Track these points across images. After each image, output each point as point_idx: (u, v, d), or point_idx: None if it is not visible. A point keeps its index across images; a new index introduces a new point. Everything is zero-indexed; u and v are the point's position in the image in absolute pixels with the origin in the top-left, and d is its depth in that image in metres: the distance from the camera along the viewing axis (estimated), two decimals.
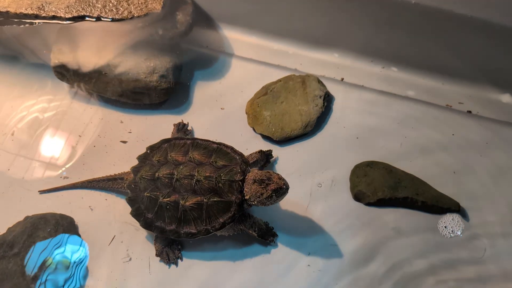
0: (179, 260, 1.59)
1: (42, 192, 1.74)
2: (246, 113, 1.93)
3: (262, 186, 1.44)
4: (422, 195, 1.67)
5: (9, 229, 1.62)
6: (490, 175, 1.78)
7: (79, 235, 1.64)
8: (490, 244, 1.62)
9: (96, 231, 1.66)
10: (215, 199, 1.46)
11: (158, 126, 1.91)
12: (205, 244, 1.61)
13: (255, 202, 1.47)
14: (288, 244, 1.63)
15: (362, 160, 1.79)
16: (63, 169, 1.81)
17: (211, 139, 1.84)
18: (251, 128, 1.90)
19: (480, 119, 1.93)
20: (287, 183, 1.45)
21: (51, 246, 1.57)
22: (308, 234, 1.65)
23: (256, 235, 1.56)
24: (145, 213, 1.53)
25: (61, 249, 1.58)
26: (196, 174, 1.48)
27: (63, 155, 1.85)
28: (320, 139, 1.89)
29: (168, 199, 1.48)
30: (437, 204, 1.66)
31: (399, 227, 1.66)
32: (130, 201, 1.57)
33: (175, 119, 1.93)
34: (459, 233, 1.62)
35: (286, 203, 1.68)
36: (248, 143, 1.86)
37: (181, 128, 1.87)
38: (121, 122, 1.93)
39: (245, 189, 1.47)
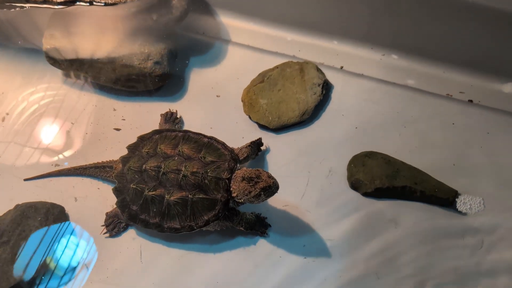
0: (172, 249, 1.56)
1: (27, 179, 1.71)
2: (242, 100, 1.89)
3: (251, 184, 1.40)
4: (420, 184, 1.64)
5: None
6: (490, 166, 1.75)
7: (70, 224, 1.61)
8: (489, 235, 1.59)
9: (88, 220, 1.63)
10: (200, 196, 1.43)
11: (152, 113, 1.88)
12: (197, 236, 1.58)
13: (243, 200, 1.44)
14: (283, 235, 1.60)
15: (360, 150, 1.76)
16: (56, 157, 1.78)
17: (206, 127, 1.83)
18: (247, 116, 1.86)
19: (481, 108, 1.88)
20: (276, 182, 1.42)
21: (44, 239, 1.55)
22: (303, 225, 1.62)
23: (244, 229, 1.53)
24: (130, 205, 1.51)
25: (53, 241, 1.55)
26: (183, 169, 1.45)
27: (55, 142, 1.82)
28: (317, 128, 1.85)
29: (153, 192, 1.46)
30: (436, 194, 1.63)
31: (396, 218, 1.63)
32: (117, 192, 1.55)
33: (170, 106, 1.89)
34: (475, 210, 1.59)
35: (281, 193, 1.64)
36: (244, 131, 1.82)
37: (169, 117, 1.83)
38: (114, 109, 1.89)
39: (232, 186, 1.44)
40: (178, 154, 1.51)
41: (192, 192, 1.43)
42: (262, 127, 1.84)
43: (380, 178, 1.65)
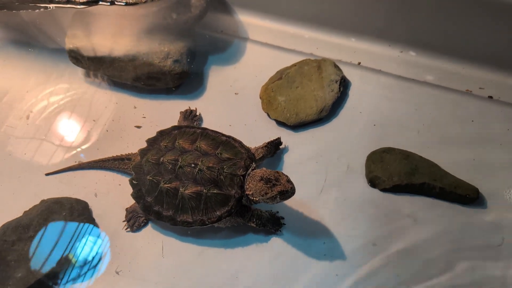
0: (192, 245, 1.58)
1: (49, 174, 1.76)
2: (260, 98, 1.90)
3: (269, 185, 1.41)
4: (439, 181, 1.63)
5: (25, 212, 1.63)
6: (511, 163, 1.73)
7: (93, 219, 1.65)
8: (509, 232, 1.58)
9: (110, 215, 1.66)
10: (215, 191, 1.45)
11: (172, 111, 1.90)
12: (217, 232, 1.61)
13: (257, 199, 1.44)
14: (302, 231, 1.60)
15: (378, 147, 1.75)
16: (78, 153, 1.82)
17: (225, 124, 1.85)
18: (266, 114, 1.88)
19: (502, 104, 1.87)
20: (294, 187, 1.41)
21: (69, 234, 1.59)
22: (322, 221, 1.63)
23: (255, 226, 1.54)
24: (145, 196, 1.54)
25: (77, 236, 1.59)
26: (199, 163, 1.47)
27: (78, 139, 1.86)
28: (335, 124, 1.86)
29: (169, 185, 1.48)
30: (455, 191, 1.62)
31: (415, 215, 1.62)
32: (133, 183, 1.58)
33: (189, 104, 1.91)
34: None
35: (299, 190, 1.65)
36: (262, 129, 1.84)
37: (188, 115, 1.85)
38: (135, 107, 1.93)
39: (249, 184, 1.45)
40: (195, 149, 1.53)
41: (207, 187, 1.45)
42: (280, 124, 1.85)
43: (398, 174, 1.66)
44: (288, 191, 1.40)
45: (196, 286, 1.53)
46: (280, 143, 1.75)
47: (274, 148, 1.72)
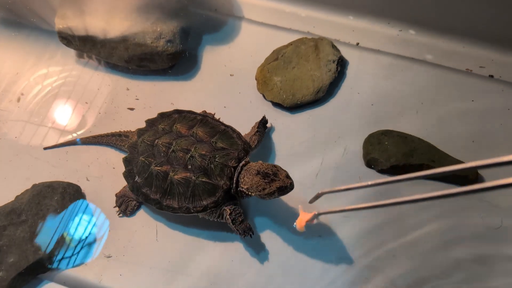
0: (187, 229, 1.56)
1: (47, 148, 1.75)
2: (256, 79, 1.86)
3: (266, 180, 1.36)
4: (438, 162, 1.60)
5: (17, 197, 1.61)
6: (511, 143, 1.70)
7: (87, 204, 1.62)
8: (508, 215, 1.56)
9: (103, 199, 1.64)
10: (203, 179, 1.41)
11: (166, 92, 1.87)
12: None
13: (252, 194, 1.40)
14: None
15: (376, 128, 1.72)
16: (70, 136, 1.78)
17: (220, 106, 1.81)
18: (261, 95, 1.84)
19: (502, 83, 1.83)
20: (293, 182, 1.37)
21: (62, 218, 1.56)
22: (319, 204, 1.60)
23: (229, 221, 1.46)
24: (136, 176, 1.52)
25: (70, 220, 1.57)
26: (192, 149, 1.44)
27: (70, 122, 1.83)
28: (332, 106, 1.82)
29: (159, 168, 1.45)
30: (454, 173, 1.58)
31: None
32: (126, 162, 1.56)
33: (183, 85, 1.88)
34: None
35: (297, 171, 1.63)
36: (258, 110, 1.80)
37: None
38: (128, 89, 1.89)
39: (244, 178, 1.41)
40: (191, 135, 1.50)
41: (196, 174, 1.42)
42: (276, 105, 1.81)
43: (396, 156, 1.63)
44: (287, 187, 1.36)
45: (191, 270, 1.51)
46: (266, 121, 1.70)
47: (263, 128, 1.68)
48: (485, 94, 1.81)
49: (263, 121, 1.69)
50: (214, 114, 1.78)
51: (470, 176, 1.60)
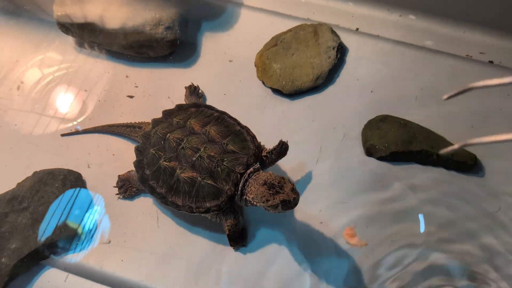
0: (187, 215, 1.57)
1: (64, 135, 1.76)
2: (255, 65, 1.86)
3: (271, 192, 1.30)
4: (437, 148, 1.61)
5: (18, 184, 1.62)
6: (510, 128, 1.70)
7: (87, 190, 1.63)
8: (505, 200, 1.56)
9: (104, 186, 1.65)
10: (209, 182, 1.38)
11: (165, 79, 1.87)
12: None
13: (258, 204, 1.35)
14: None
15: (375, 114, 1.72)
16: (70, 123, 1.79)
17: (219, 93, 1.81)
18: (261, 82, 1.84)
19: (502, 69, 1.82)
20: (298, 198, 1.30)
21: (63, 205, 1.57)
22: (318, 191, 1.61)
23: (226, 232, 1.47)
24: (145, 168, 1.50)
25: (71, 207, 1.58)
26: (202, 149, 1.41)
27: (70, 110, 1.83)
28: (332, 92, 1.82)
29: (167, 163, 1.43)
30: (452, 158, 1.60)
31: (412, 183, 1.61)
32: (138, 151, 1.55)
33: (182, 72, 1.87)
34: None
35: (296, 158, 1.65)
36: (257, 97, 1.81)
37: (193, 90, 1.79)
38: (127, 76, 1.89)
39: (250, 187, 1.36)
40: (203, 133, 1.46)
41: (202, 175, 1.39)
42: (276, 92, 1.81)
43: (395, 143, 1.63)
44: (291, 202, 1.29)
45: (192, 256, 1.52)
46: (285, 149, 1.54)
47: (284, 150, 1.54)
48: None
49: (285, 147, 1.53)
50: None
51: (468, 162, 1.60)
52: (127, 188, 1.62)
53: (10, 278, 1.46)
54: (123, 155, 1.71)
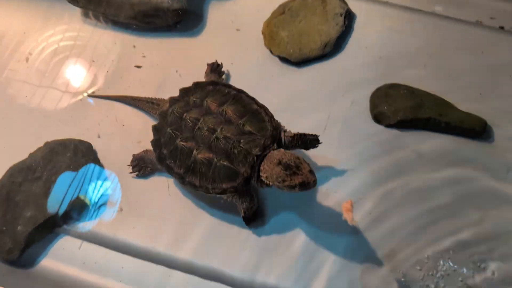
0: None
1: (90, 96, 1.79)
2: (263, 33, 1.85)
3: (288, 172, 1.28)
4: (445, 115, 1.60)
5: (30, 154, 1.64)
6: None
7: (98, 160, 1.66)
8: None
9: (114, 156, 1.67)
10: (225, 163, 1.36)
11: (172, 49, 1.86)
12: None
13: (271, 184, 1.34)
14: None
15: (383, 82, 1.72)
16: (80, 96, 1.80)
17: (227, 62, 1.80)
18: (268, 50, 1.83)
19: None
20: (316, 179, 1.28)
21: (75, 174, 1.60)
22: (326, 157, 1.62)
23: (242, 214, 1.48)
24: (162, 147, 1.49)
25: (83, 176, 1.61)
26: (218, 130, 1.38)
27: (78, 80, 1.84)
28: (340, 60, 1.81)
29: (184, 143, 1.42)
30: (461, 125, 1.60)
31: (420, 150, 1.61)
32: (155, 130, 1.53)
33: (189, 41, 1.87)
34: None
35: (303, 127, 1.65)
36: (265, 66, 1.80)
37: (215, 68, 1.76)
38: (134, 46, 1.89)
39: (264, 166, 1.34)
40: (220, 113, 1.44)
41: (218, 157, 1.37)
42: (284, 60, 1.81)
43: (403, 110, 1.63)
44: (310, 184, 1.28)
45: (202, 222, 1.55)
46: (315, 143, 1.52)
47: (308, 144, 1.51)
48: (495, 46, 1.78)
49: (314, 138, 1.51)
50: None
51: (477, 128, 1.60)
52: (142, 167, 1.62)
53: (27, 245, 1.50)
54: (132, 125, 1.73)
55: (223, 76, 1.78)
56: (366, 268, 1.45)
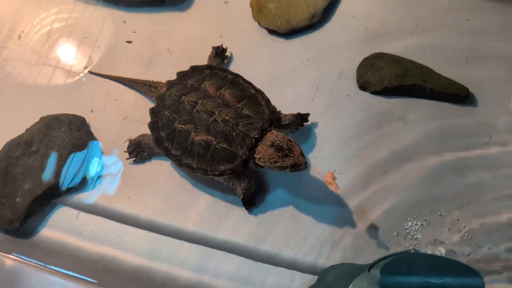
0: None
1: (92, 73, 1.82)
2: (251, 6, 1.86)
3: (280, 154, 1.34)
4: (430, 82, 1.64)
5: (27, 129, 1.69)
6: (504, 62, 1.71)
7: (92, 133, 1.70)
8: (496, 130, 1.61)
9: (108, 129, 1.71)
10: (223, 146, 1.40)
11: (162, 24, 1.89)
12: None
13: (263, 165, 1.39)
14: (293, 137, 1.64)
15: (371, 51, 1.74)
16: (74, 75, 1.83)
17: (215, 35, 1.82)
18: (256, 22, 1.85)
19: (498, 2, 1.80)
20: (307, 162, 1.35)
21: (70, 148, 1.64)
22: (313, 126, 1.66)
23: (241, 196, 1.52)
24: (160, 130, 1.52)
25: (78, 150, 1.66)
26: (216, 113, 1.42)
27: (69, 57, 1.87)
28: (327, 30, 1.83)
29: (182, 126, 1.45)
30: (445, 91, 1.63)
31: (405, 116, 1.65)
32: (152, 113, 1.56)
33: (178, 15, 1.89)
34: None
35: (292, 98, 1.69)
36: (253, 38, 1.83)
37: (220, 52, 1.78)
38: (124, 22, 1.91)
39: (258, 148, 1.39)
40: (218, 97, 1.47)
41: (217, 139, 1.41)
42: (272, 32, 1.83)
43: (389, 78, 1.66)
44: (301, 166, 1.34)
45: (194, 192, 1.60)
46: (306, 120, 1.63)
47: (300, 121, 1.61)
48: (480, 13, 1.80)
49: (305, 115, 1.61)
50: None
51: (461, 94, 1.63)
52: (139, 152, 1.65)
53: (26, 217, 1.57)
54: (124, 99, 1.77)
55: (227, 59, 1.79)
56: (354, 232, 1.51)
